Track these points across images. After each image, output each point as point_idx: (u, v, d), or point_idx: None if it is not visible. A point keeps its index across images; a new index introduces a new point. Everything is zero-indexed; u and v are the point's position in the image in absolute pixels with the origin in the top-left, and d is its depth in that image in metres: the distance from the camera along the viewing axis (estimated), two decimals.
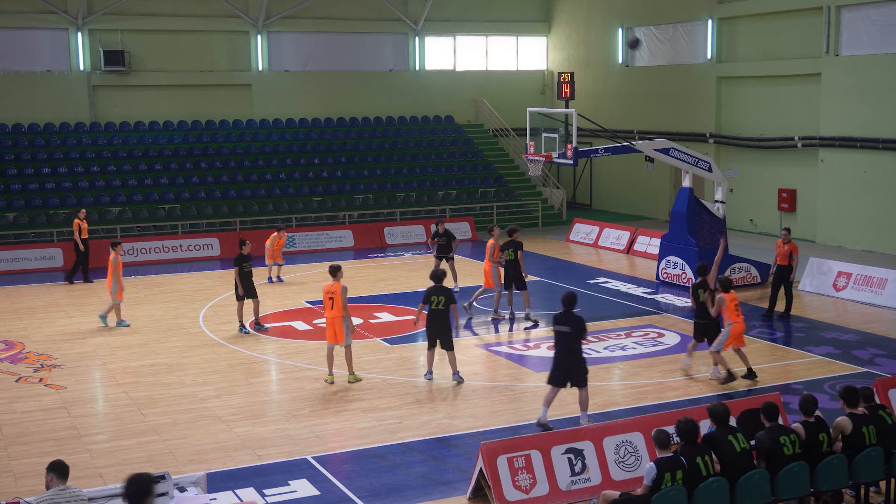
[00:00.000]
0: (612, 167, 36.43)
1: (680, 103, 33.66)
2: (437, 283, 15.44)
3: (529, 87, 39.77)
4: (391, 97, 37.51)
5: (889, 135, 26.64)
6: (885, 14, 26.90)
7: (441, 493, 11.25)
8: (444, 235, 22.07)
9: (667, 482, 9.13)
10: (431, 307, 15.37)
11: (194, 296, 22.71)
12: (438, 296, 15.28)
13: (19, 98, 32.25)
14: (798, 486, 9.78)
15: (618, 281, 23.94)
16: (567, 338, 13.04)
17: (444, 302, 15.27)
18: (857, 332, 18.72)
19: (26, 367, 16.65)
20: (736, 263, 22.84)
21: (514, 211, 34.17)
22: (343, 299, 15.22)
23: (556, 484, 10.78)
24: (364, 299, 22.00)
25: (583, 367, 13.16)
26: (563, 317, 13.08)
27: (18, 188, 29.82)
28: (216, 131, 34.32)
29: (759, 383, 15.30)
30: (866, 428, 10.28)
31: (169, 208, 30.32)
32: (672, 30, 34.28)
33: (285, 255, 28.44)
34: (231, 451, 12.64)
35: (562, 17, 39.42)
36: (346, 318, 15.26)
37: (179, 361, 17.04)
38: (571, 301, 13.13)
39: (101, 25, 33.12)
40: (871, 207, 27.36)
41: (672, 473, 9.18)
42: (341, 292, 15.20)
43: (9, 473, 11.96)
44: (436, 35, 38.39)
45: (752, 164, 31.24)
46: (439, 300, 15.28)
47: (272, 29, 35.51)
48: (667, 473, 9.15)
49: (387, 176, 34.17)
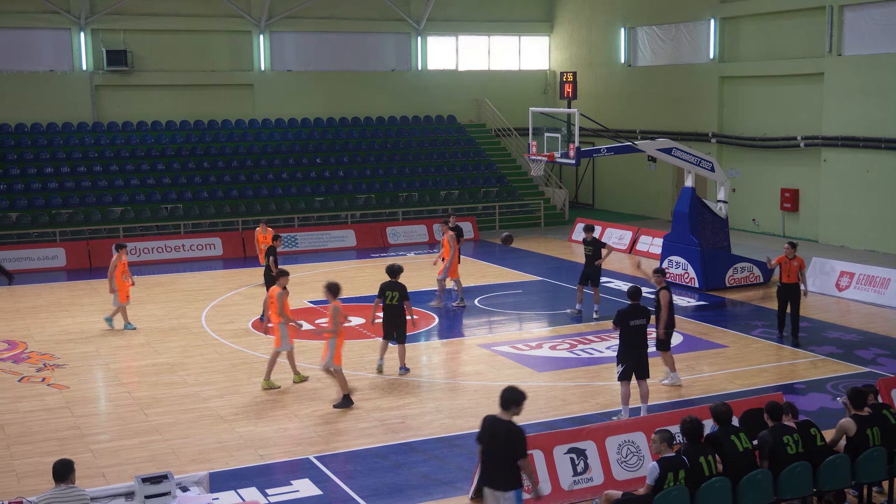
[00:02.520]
0: (614, 167, 36.42)
1: (682, 103, 33.64)
2: (392, 279, 15.74)
3: (532, 86, 39.76)
4: (393, 97, 37.51)
5: (892, 134, 26.61)
6: (887, 13, 26.87)
7: (443, 493, 11.25)
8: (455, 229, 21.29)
9: (669, 482, 9.12)
10: (386, 302, 15.71)
11: (197, 295, 22.72)
12: (392, 291, 15.65)
13: (22, 98, 32.27)
14: (801, 486, 9.78)
15: (620, 281, 23.92)
16: (643, 330, 13.37)
17: (398, 298, 15.62)
18: (860, 331, 18.70)
19: (29, 367, 16.66)
20: (738, 263, 22.83)
21: (517, 211, 34.17)
22: (279, 305, 15.09)
23: (558, 484, 10.77)
24: (366, 299, 21.98)
25: (647, 357, 13.60)
26: (635, 310, 13.33)
27: (21, 188, 29.84)
28: (218, 131, 34.33)
29: (760, 383, 15.28)
30: (871, 430, 10.27)
31: (171, 208, 30.33)
32: (675, 29, 34.26)
33: (286, 256, 28.49)
34: (233, 450, 12.64)
35: (564, 16, 39.41)
36: (283, 325, 15.21)
37: (182, 361, 17.04)
38: (638, 294, 13.44)
39: (104, 25, 33.14)
40: (874, 207, 27.34)
41: (675, 473, 9.17)
42: (277, 298, 15.13)
43: (11, 473, 11.97)
44: (438, 35, 38.38)
45: (755, 163, 31.21)
46: (393, 295, 15.65)
47: (274, 29, 35.52)
48: (669, 473, 9.15)
49: (389, 176, 34.17)
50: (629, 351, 13.35)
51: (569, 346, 17.68)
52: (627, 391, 13.44)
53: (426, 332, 18.89)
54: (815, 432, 10.16)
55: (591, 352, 17.31)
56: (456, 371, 16.44)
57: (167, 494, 8.83)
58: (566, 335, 18.51)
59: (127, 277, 19.25)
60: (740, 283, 22.75)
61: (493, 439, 8.76)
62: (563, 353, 17.26)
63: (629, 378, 13.40)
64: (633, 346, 13.34)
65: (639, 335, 13.35)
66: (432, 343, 18.33)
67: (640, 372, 13.44)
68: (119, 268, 19.14)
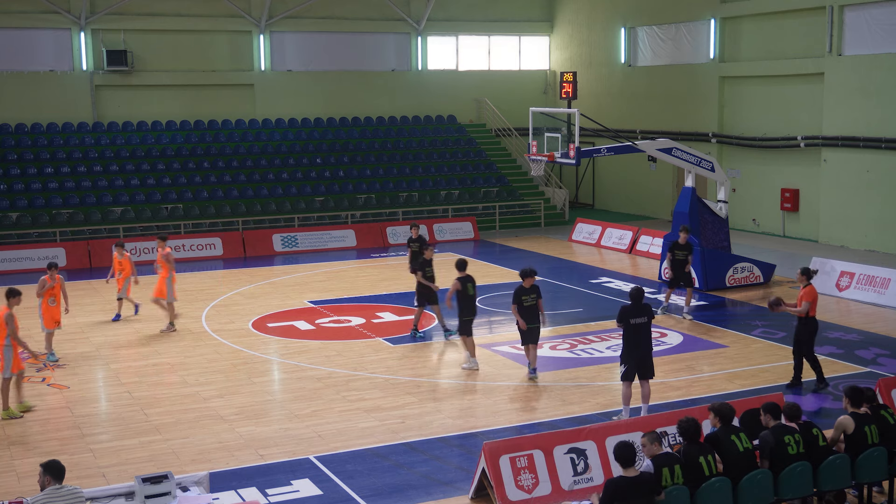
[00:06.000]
0: (614, 167, 36.42)
1: (683, 103, 33.64)
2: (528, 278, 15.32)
3: (532, 86, 39.76)
4: (393, 97, 37.51)
5: (892, 134, 26.61)
6: (887, 13, 26.86)
7: (443, 493, 11.25)
8: (416, 241, 20.19)
9: (666, 478, 9.13)
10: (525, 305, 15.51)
11: (197, 295, 22.72)
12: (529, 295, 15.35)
13: (22, 98, 32.27)
14: (801, 486, 9.78)
15: (620, 281, 23.93)
16: (646, 328, 13.39)
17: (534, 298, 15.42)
18: (860, 331, 18.70)
19: (29, 367, 16.64)
20: (738, 263, 22.82)
21: (517, 211, 34.17)
22: (9, 328, 13.82)
23: (558, 484, 10.77)
24: (366, 299, 22.00)
25: (652, 357, 13.61)
26: (637, 309, 13.32)
27: (21, 188, 29.84)
28: (219, 131, 34.33)
29: (760, 383, 15.28)
30: (868, 427, 10.28)
31: (171, 208, 30.33)
32: (675, 29, 34.26)
33: (287, 255, 28.49)
34: (234, 450, 12.64)
35: (564, 16, 39.41)
36: (8, 349, 13.91)
37: (182, 361, 17.05)
38: (641, 294, 13.43)
39: (104, 25, 33.14)
40: (874, 207, 27.33)
41: (670, 468, 9.18)
42: (5, 319, 13.87)
43: (12, 473, 11.97)
44: (438, 35, 38.38)
45: (755, 163, 31.22)
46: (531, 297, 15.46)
47: (275, 29, 35.52)
48: (664, 469, 9.16)
49: (389, 176, 34.17)
50: (631, 351, 13.35)
51: (569, 346, 17.68)
52: (629, 391, 13.44)
53: (426, 332, 18.87)
54: (818, 433, 10.16)
55: (592, 352, 17.31)
56: (456, 371, 16.44)
57: (167, 494, 8.83)
58: (566, 335, 18.51)
59: (55, 301, 17.29)
60: (740, 283, 22.75)
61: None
62: (564, 353, 17.26)
63: (632, 378, 13.40)
64: (634, 345, 13.33)
65: (641, 334, 13.36)
66: (432, 343, 18.32)
67: (643, 372, 13.43)
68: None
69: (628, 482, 8.77)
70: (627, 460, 8.83)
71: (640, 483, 8.81)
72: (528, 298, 15.20)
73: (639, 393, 13.62)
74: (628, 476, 8.79)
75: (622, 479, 8.80)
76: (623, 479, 8.79)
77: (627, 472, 8.81)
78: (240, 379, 15.92)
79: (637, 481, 8.80)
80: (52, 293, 17.06)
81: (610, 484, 8.85)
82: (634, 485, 8.77)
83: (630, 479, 8.77)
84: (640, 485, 8.80)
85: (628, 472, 8.81)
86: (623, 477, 8.80)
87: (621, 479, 8.79)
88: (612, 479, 8.94)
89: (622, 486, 8.74)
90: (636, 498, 8.74)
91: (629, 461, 8.83)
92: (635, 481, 8.79)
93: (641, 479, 8.84)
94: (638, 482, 8.80)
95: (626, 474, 8.81)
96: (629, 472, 8.81)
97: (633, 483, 8.77)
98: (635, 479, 8.79)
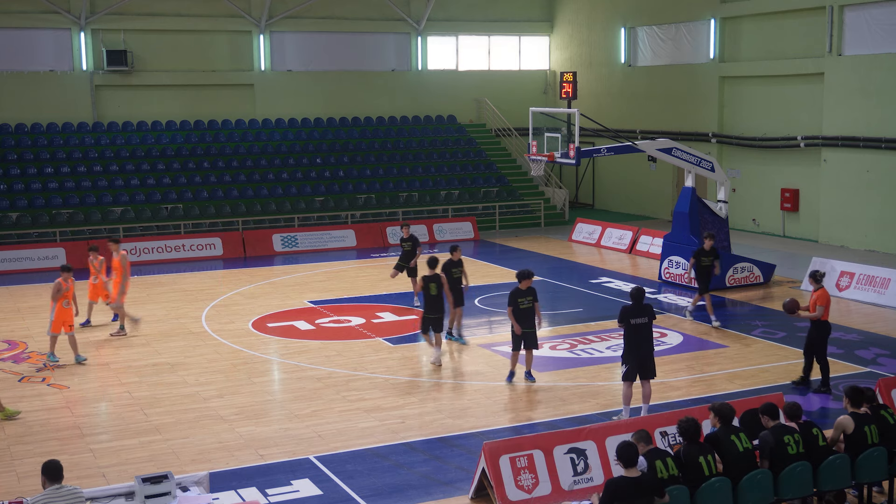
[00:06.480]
0: (614, 167, 36.42)
1: (683, 103, 33.64)
2: (524, 281, 15.25)
3: (532, 86, 39.76)
4: (393, 97, 37.51)
5: (892, 134, 26.61)
6: (888, 13, 26.86)
7: (443, 493, 11.25)
8: (408, 240, 20.68)
9: (661, 471, 9.14)
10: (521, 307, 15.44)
11: (197, 295, 22.72)
12: (525, 297, 15.24)
13: (22, 98, 32.26)
14: (801, 486, 9.78)
15: (620, 281, 23.93)
16: (646, 328, 13.38)
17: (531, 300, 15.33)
18: (860, 331, 18.70)
19: (29, 367, 16.65)
20: (738, 263, 22.82)
21: (517, 211, 34.16)
22: None
23: (558, 484, 10.77)
24: (366, 299, 22.00)
25: (654, 357, 13.59)
26: (638, 309, 13.32)
27: (21, 188, 29.84)
28: (219, 131, 34.33)
29: (760, 383, 15.28)
30: (868, 427, 10.28)
31: (171, 208, 30.32)
32: (675, 29, 34.26)
33: (286, 255, 28.50)
34: (234, 450, 12.64)
35: (564, 16, 39.40)
36: None
37: (182, 361, 17.04)
38: (642, 295, 13.43)
39: (104, 25, 33.14)
40: (874, 207, 27.33)
41: (662, 461, 9.20)
42: None
43: (12, 473, 11.97)
44: (438, 35, 38.38)
45: (755, 163, 31.22)
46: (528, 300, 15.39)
47: (275, 29, 35.51)
48: (657, 462, 9.17)
49: (389, 176, 34.17)
50: (632, 351, 13.35)
51: (569, 346, 17.68)
52: (629, 391, 13.43)
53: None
54: (818, 433, 10.16)
55: (592, 352, 17.31)
56: (456, 371, 16.44)
57: (167, 494, 8.83)
58: (566, 335, 18.51)
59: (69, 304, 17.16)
60: (740, 283, 22.75)
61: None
62: (564, 353, 17.26)
63: (633, 378, 13.39)
64: (635, 345, 13.33)
65: (641, 334, 13.35)
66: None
67: (644, 372, 13.42)
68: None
69: (629, 482, 8.77)
70: (629, 460, 8.83)
71: (640, 483, 8.81)
72: (524, 301, 15.16)
73: (639, 393, 13.62)
74: (629, 476, 8.80)
75: (623, 479, 8.79)
76: (624, 479, 8.79)
77: (629, 472, 8.81)
78: (240, 379, 15.92)
79: (638, 482, 8.80)
80: (67, 296, 16.97)
81: (610, 484, 8.85)
82: (635, 485, 8.77)
83: (631, 480, 8.77)
84: (640, 485, 8.80)
85: (629, 472, 8.81)
86: (624, 477, 8.80)
87: (622, 480, 8.79)
88: (612, 479, 8.94)
89: (623, 487, 8.74)
90: (637, 498, 8.75)
91: (631, 461, 8.83)
92: (636, 482, 8.79)
93: (642, 480, 8.84)
94: (639, 482, 8.80)
95: (627, 475, 8.81)
96: (630, 473, 8.80)
97: (633, 483, 8.77)
98: (636, 480, 8.80)
